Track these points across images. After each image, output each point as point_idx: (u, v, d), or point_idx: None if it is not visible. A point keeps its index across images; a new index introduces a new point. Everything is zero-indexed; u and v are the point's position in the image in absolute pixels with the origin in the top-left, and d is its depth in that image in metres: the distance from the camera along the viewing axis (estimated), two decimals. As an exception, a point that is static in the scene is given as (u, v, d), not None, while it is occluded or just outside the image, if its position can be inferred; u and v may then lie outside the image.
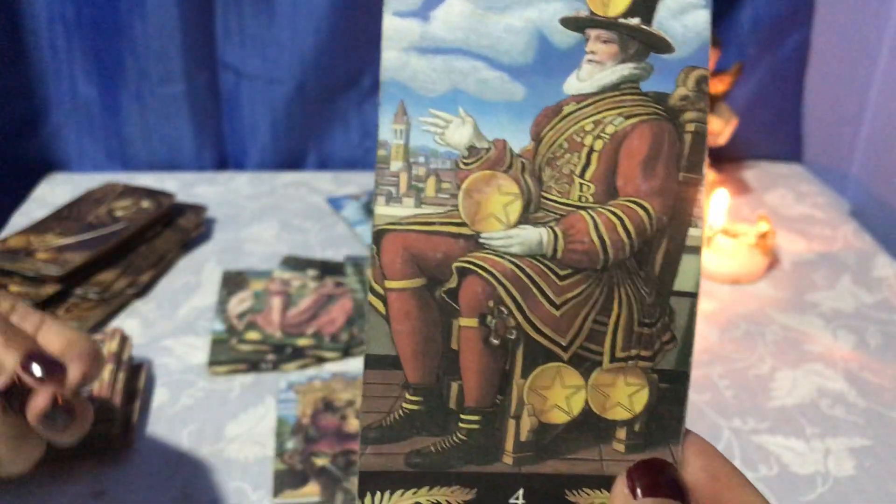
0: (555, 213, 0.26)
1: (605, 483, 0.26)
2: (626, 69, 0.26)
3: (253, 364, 0.71)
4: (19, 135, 1.06)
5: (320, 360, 0.72)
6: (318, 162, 1.12)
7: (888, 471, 0.62)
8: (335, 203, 1.01)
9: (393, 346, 0.26)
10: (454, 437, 0.26)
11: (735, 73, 0.97)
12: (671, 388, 0.27)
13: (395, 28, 0.25)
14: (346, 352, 0.72)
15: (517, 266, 0.26)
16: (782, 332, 0.78)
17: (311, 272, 0.84)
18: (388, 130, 0.26)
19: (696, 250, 0.27)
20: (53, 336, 0.40)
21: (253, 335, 0.74)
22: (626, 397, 0.27)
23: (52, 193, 1.02)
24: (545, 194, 0.26)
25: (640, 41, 0.26)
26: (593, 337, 0.26)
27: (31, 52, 1.02)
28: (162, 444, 0.63)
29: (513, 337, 0.26)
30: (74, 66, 1.03)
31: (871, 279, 0.88)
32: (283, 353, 0.72)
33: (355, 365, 0.72)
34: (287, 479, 0.59)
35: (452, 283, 0.26)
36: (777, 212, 1.02)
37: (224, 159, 1.12)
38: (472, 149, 0.26)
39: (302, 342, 0.73)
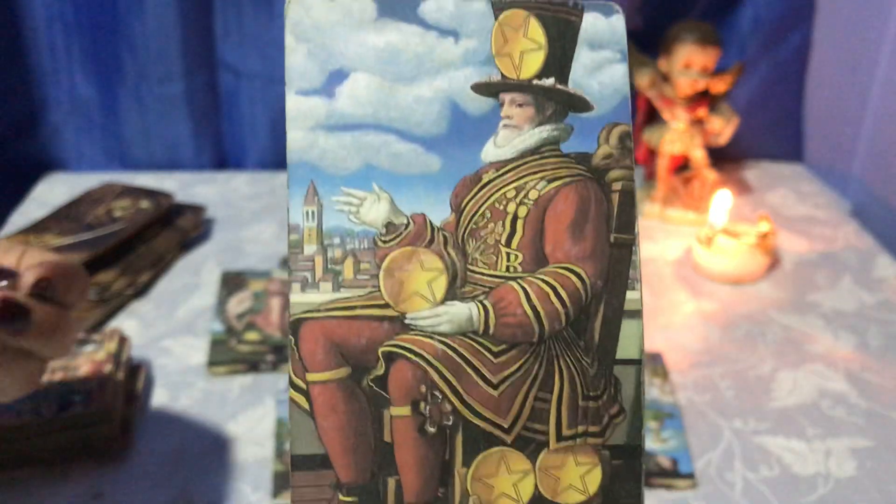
0: (483, 286, 0.25)
1: None
2: (545, 131, 0.25)
3: (252, 365, 0.71)
4: (18, 134, 1.06)
5: (320, 361, 0.72)
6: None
7: (889, 472, 0.62)
8: (335, 203, 1.01)
9: (321, 444, 0.24)
10: None
11: (736, 72, 0.97)
12: (625, 463, 0.25)
13: (299, 107, 0.25)
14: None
15: (448, 346, 0.24)
16: (783, 333, 0.78)
17: (311, 272, 0.83)
18: (298, 213, 0.24)
19: (637, 314, 0.25)
20: (28, 258, 0.39)
21: (252, 336, 0.73)
22: (578, 478, 0.25)
23: (51, 193, 1.01)
24: (471, 267, 0.25)
25: (557, 101, 0.25)
26: (537, 416, 0.25)
27: (30, 52, 1.01)
28: (161, 445, 0.62)
29: (450, 423, 0.24)
30: (73, 65, 1.03)
31: (873, 279, 0.88)
32: (282, 353, 0.72)
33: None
34: (287, 479, 0.59)
35: (380, 371, 0.24)
36: (778, 212, 1.02)
37: (223, 159, 1.12)
38: (389, 225, 0.25)
39: (301, 342, 0.73)
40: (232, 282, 0.82)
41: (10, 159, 1.06)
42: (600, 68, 0.25)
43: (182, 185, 1.02)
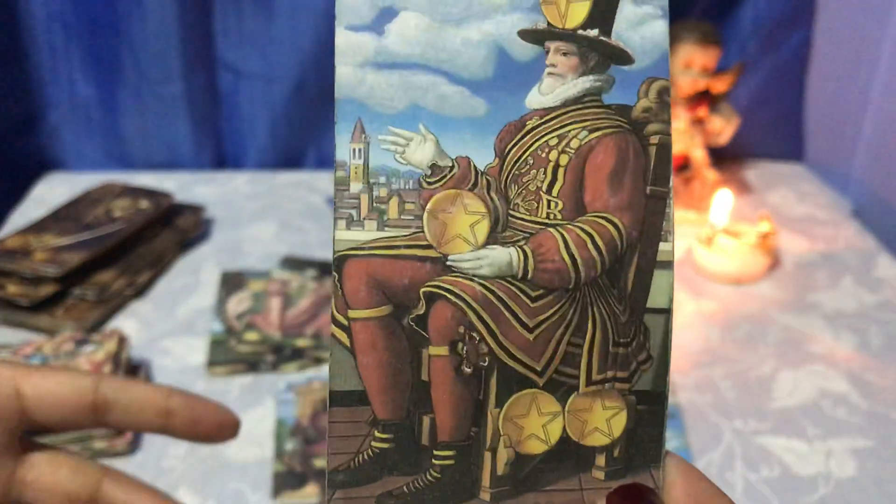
0: (523, 232, 0.25)
1: None
2: (588, 81, 0.26)
3: (252, 365, 0.71)
4: (17, 134, 1.06)
5: (319, 361, 0.72)
6: (317, 161, 1.12)
7: (890, 472, 0.61)
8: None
9: (360, 381, 0.24)
10: (428, 476, 0.25)
11: (736, 72, 0.97)
12: (649, 409, 0.26)
13: (349, 43, 0.25)
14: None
15: (487, 289, 0.25)
16: (784, 333, 0.78)
17: (311, 272, 0.83)
18: (345, 150, 0.24)
19: (668, 265, 0.26)
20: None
21: (252, 336, 0.73)
22: (604, 421, 0.25)
23: (51, 193, 1.01)
24: (512, 212, 0.25)
25: (600, 53, 0.26)
26: (568, 360, 0.25)
27: (30, 52, 1.01)
28: (161, 446, 0.62)
29: (485, 364, 0.25)
30: (73, 65, 1.03)
31: (873, 279, 0.88)
32: (282, 353, 0.72)
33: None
34: (286, 480, 0.59)
35: (420, 310, 0.25)
36: (779, 212, 1.02)
37: (223, 159, 1.12)
38: (435, 167, 0.25)
39: (301, 343, 0.73)
40: (231, 282, 0.82)
41: (9, 159, 1.06)
42: (642, 23, 0.26)
43: (181, 185, 1.02)
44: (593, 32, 0.26)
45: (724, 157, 1.10)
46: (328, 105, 1.08)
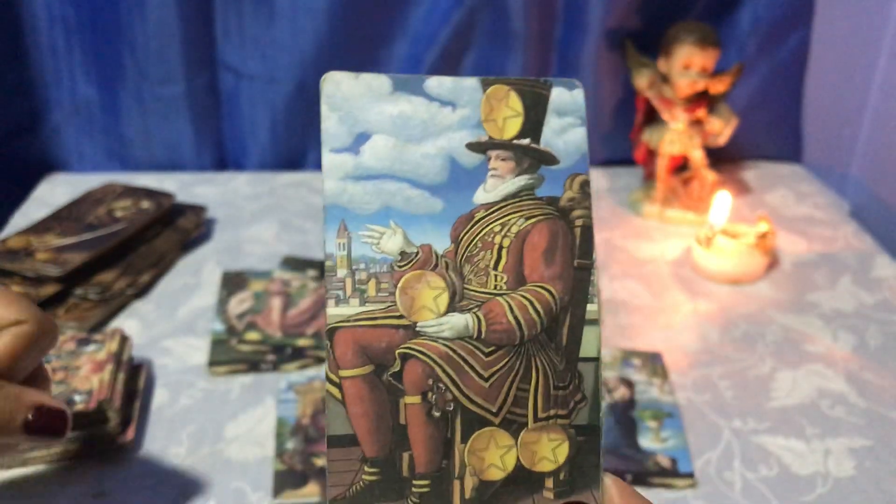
0: (476, 301, 0.31)
1: None
2: (523, 180, 0.32)
3: (253, 364, 0.71)
4: (19, 135, 1.06)
5: (320, 361, 0.72)
6: (318, 162, 1.11)
7: (888, 471, 0.62)
8: (335, 203, 1.01)
9: (351, 427, 0.30)
10: (409, 502, 0.30)
11: (735, 73, 0.97)
12: (587, 439, 0.31)
13: (333, 163, 0.31)
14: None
15: (450, 348, 0.31)
16: (782, 333, 0.78)
17: (311, 272, 0.84)
18: (332, 245, 0.31)
19: (595, 322, 0.32)
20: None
21: (253, 335, 0.74)
22: (551, 451, 0.31)
23: (52, 194, 1.02)
24: (467, 286, 0.31)
25: (532, 157, 0.32)
26: (518, 402, 0.31)
27: (31, 53, 1.02)
28: (162, 445, 0.63)
29: (451, 408, 0.31)
30: (74, 66, 1.03)
31: (871, 279, 0.88)
32: (283, 353, 0.72)
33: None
34: (287, 479, 0.59)
35: (396, 367, 0.30)
36: (777, 212, 1.02)
37: (224, 159, 1.12)
38: (403, 254, 0.31)
39: (302, 342, 0.73)
40: (232, 282, 0.82)
41: (11, 159, 1.06)
42: (565, 131, 0.32)
43: (183, 186, 1.02)
44: (526, 141, 0.32)
45: (723, 158, 1.11)
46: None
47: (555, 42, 1.06)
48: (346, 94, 0.32)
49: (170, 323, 0.77)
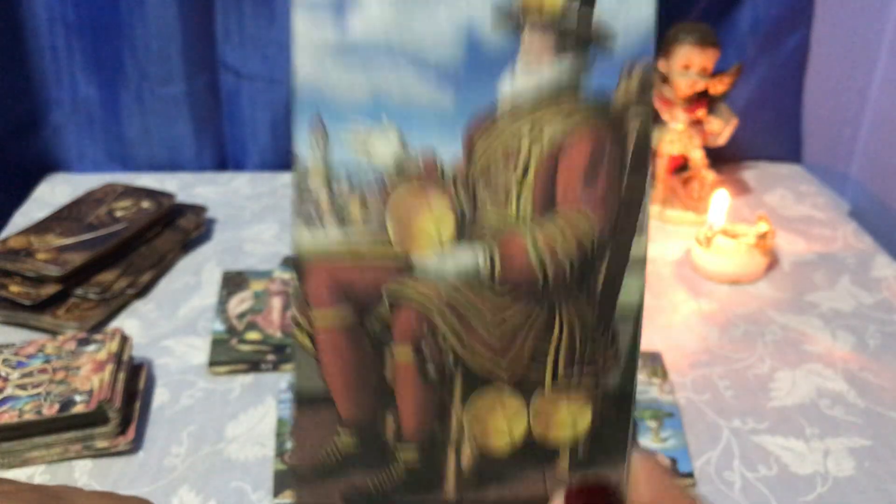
0: (490, 230, 0.24)
1: None
2: (564, 66, 0.23)
3: (253, 364, 0.71)
4: (20, 135, 1.06)
5: (320, 361, 0.72)
6: (318, 162, 1.12)
7: (887, 471, 0.62)
8: (335, 203, 1.01)
9: (324, 382, 0.24)
10: (392, 470, 0.25)
11: (735, 73, 0.97)
12: (615, 410, 0.25)
13: (307, 28, 0.23)
14: (346, 352, 0.72)
15: (452, 290, 0.24)
16: (782, 333, 0.79)
17: (312, 272, 0.84)
18: (304, 144, 0.23)
19: (640, 265, 0.24)
20: None
21: (253, 335, 0.74)
22: (570, 419, 0.25)
23: (53, 194, 1.02)
24: (479, 209, 0.24)
25: (579, 35, 0.23)
26: (534, 359, 0.25)
27: (32, 53, 1.02)
28: (162, 445, 0.63)
29: (450, 363, 0.24)
30: (75, 66, 1.03)
31: (871, 279, 0.88)
32: (283, 353, 0.72)
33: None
34: (287, 479, 0.59)
35: (384, 312, 0.24)
36: (776, 212, 1.02)
37: (224, 160, 1.12)
38: (397, 162, 0.23)
39: (302, 342, 0.73)
40: (233, 282, 0.82)
41: (11, 160, 1.06)
42: (627, 1, 0.23)
43: (183, 186, 1.02)
44: (575, 5, 0.23)
45: (723, 158, 1.11)
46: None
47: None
48: None
49: (170, 323, 0.77)
